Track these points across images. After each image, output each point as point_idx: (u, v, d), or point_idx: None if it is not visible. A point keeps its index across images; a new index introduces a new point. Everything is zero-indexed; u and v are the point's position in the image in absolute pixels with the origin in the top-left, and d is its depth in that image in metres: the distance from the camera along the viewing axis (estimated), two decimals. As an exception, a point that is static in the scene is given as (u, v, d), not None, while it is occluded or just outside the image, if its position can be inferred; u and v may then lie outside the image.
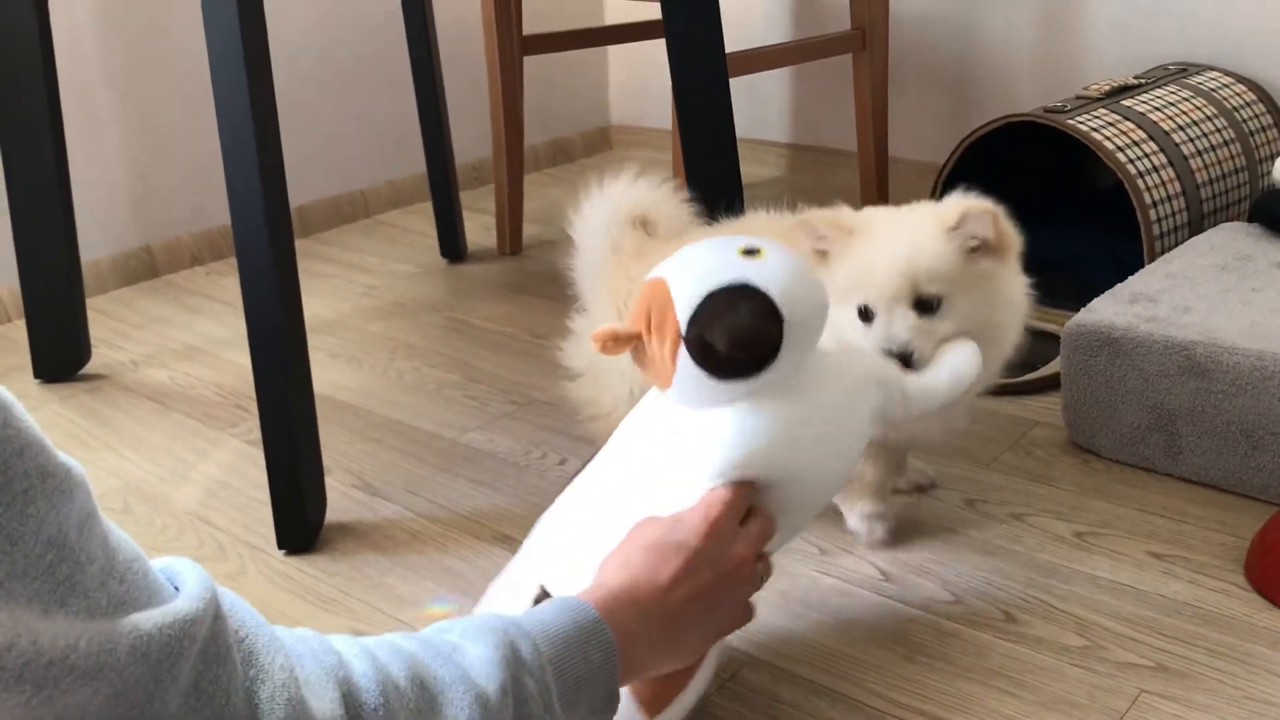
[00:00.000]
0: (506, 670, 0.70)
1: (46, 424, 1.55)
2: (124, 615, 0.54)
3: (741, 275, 0.87)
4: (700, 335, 0.86)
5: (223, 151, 1.20)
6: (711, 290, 0.86)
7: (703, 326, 0.86)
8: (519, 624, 0.74)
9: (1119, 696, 0.97)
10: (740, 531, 0.87)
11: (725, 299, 0.86)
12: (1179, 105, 1.75)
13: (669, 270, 0.90)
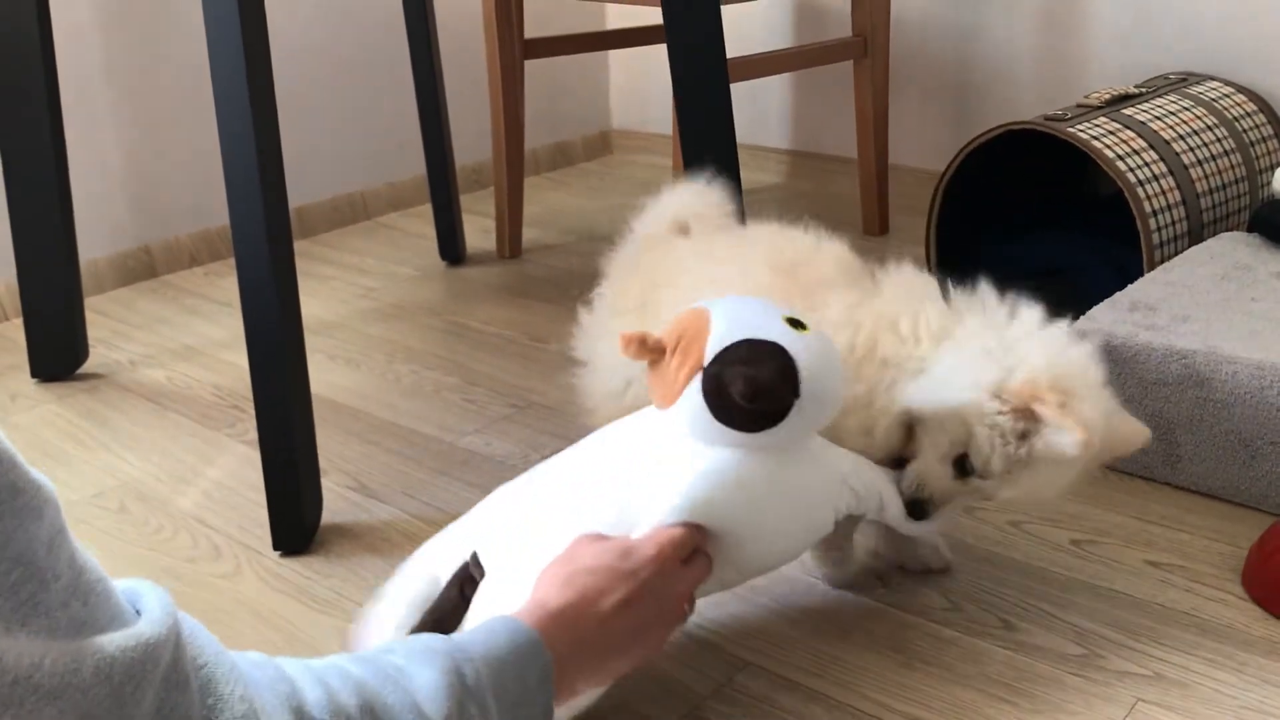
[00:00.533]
0: (453, 698, 0.71)
1: (43, 423, 1.55)
2: (87, 636, 0.53)
3: (779, 338, 0.91)
4: (719, 374, 0.90)
5: (222, 152, 1.20)
6: (747, 339, 0.91)
7: (724, 365, 0.90)
8: (462, 648, 0.75)
9: (1116, 705, 0.97)
10: (681, 571, 0.89)
11: (755, 351, 0.90)
12: (1180, 114, 1.75)
13: (716, 306, 0.94)
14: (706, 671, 1.03)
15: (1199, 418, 1.25)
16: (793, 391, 0.90)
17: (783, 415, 0.90)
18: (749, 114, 2.57)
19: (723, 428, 0.90)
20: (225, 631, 1.05)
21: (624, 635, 0.85)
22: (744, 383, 0.88)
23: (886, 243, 2.15)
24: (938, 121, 2.36)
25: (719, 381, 0.89)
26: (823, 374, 0.92)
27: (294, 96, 2.21)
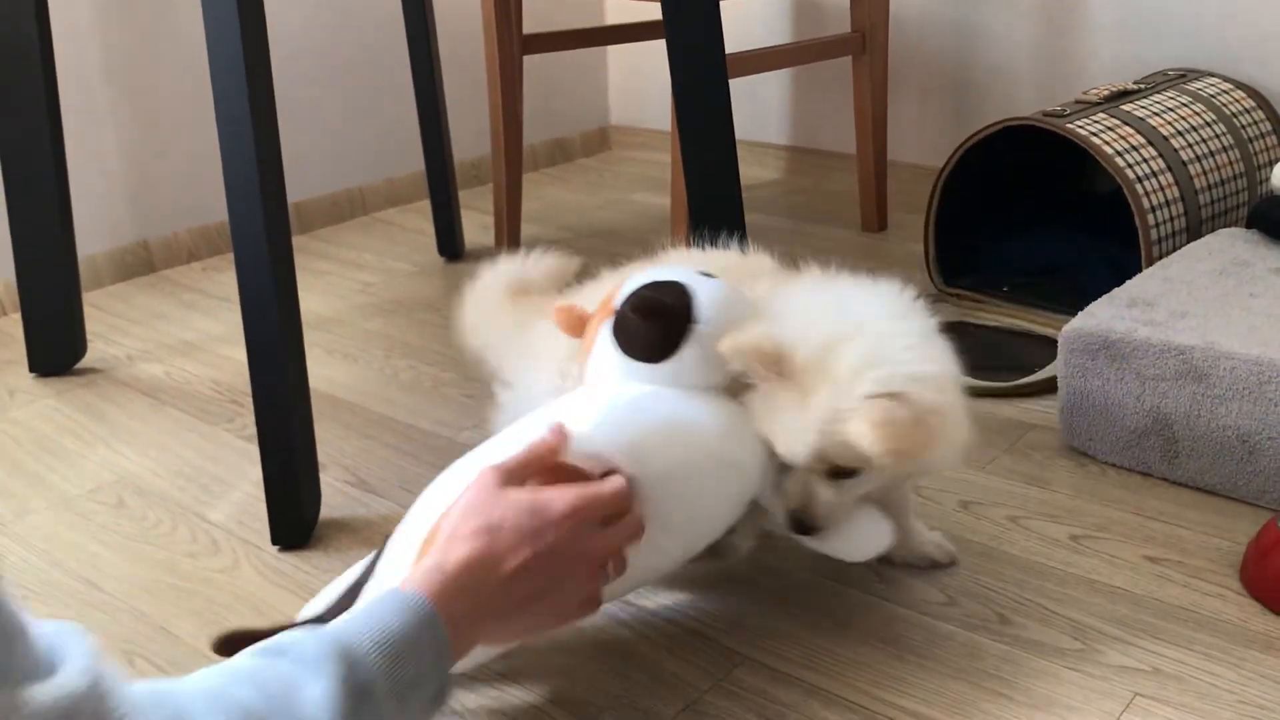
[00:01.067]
0: (343, 708, 0.69)
1: (41, 418, 1.55)
2: (15, 688, 0.52)
3: (682, 279, 0.98)
4: (621, 310, 0.97)
5: (221, 147, 1.20)
6: (653, 280, 0.98)
7: (626, 304, 0.97)
8: (353, 638, 0.73)
9: (1113, 699, 0.97)
10: (604, 530, 0.87)
11: (655, 288, 0.98)
12: (1178, 110, 1.75)
13: (635, 270, 1.03)
14: (704, 666, 1.03)
15: (1197, 413, 1.26)
16: (685, 316, 0.95)
17: (679, 339, 0.94)
18: (748, 110, 2.57)
19: (630, 363, 0.96)
20: (225, 625, 1.05)
21: (527, 598, 0.82)
22: (634, 301, 0.95)
23: (885, 239, 2.15)
24: (936, 118, 2.36)
25: (619, 315, 0.97)
26: (722, 306, 0.97)
27: (293, 93, 2.21)
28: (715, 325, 0.95)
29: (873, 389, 0.91)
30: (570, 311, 1.02)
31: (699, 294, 0.96)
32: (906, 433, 0.90)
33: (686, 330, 0.95)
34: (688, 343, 0.95)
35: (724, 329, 0.95)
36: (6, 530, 1.29)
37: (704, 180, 1.48)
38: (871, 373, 0.92)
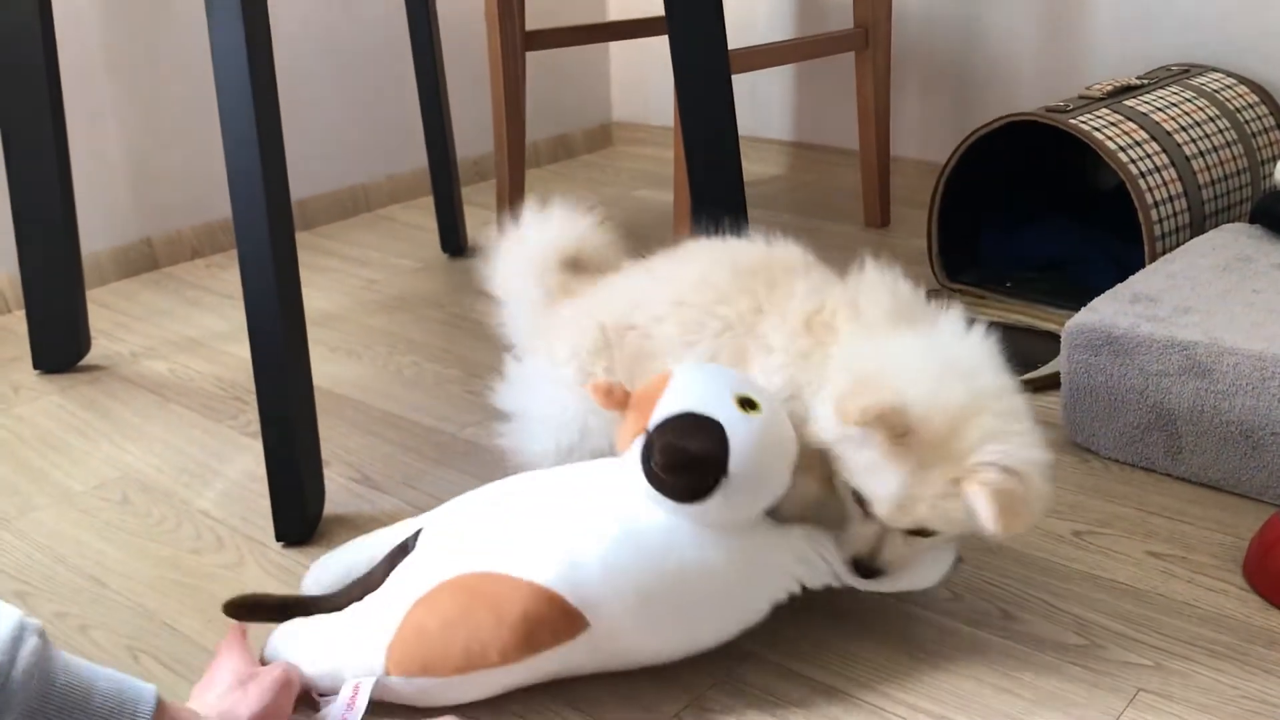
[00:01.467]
0: None
1: (45, 415, 1.55)
2: None
3: (722, 415, 0.94)
4: (650, 441, 0.94)
5: (224, 144, 1.20)
6: (690, 411, 0.94)
7: (659, 434, 0.94)
8: None
9: (1117, 695, 0.97)
10: None
11: (690, 425, 0.93)
12: (1181, 106, 1.75)
13: (679, 373, 0.99)
14: (708, 662, 1.03)
15: (1200, 409, 1.26)
16: (719, 469, 0.92)
17: (707, 492, 0.93)
18: (750, 106, 2.57)
19: (655, 491, 0.94)
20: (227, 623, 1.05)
21: None
22: (662, 455, 0.92)
23: (888, 235, 2.15)
24: (939, 113, 2.35)
25: (647, 447, 0.94)
26: (759, 456, 0.94)
27: (295, 89, 2.21)
28: (748, 476, 0.93)
29: (997, 465, 0.91)
30: (610, 394, 0.99)
31: (735, 439, 0.93)
32: (1023, 511, 0.91)
33: (716, 482, 0.93)
34: (717, 492, 0.93)
35: (758, 478, 0.94)
36: (10, 526, 1.29)
37: (707, 176, 1.48)
38: (997, 450, 0.91)
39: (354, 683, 0.95)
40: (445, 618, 0.93)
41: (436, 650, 0.93)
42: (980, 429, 0.92)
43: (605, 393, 0.98)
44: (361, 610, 0.99)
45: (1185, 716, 0.95)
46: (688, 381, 0.97)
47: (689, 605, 0.95)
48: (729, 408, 0.94)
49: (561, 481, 1.02)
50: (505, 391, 1.20)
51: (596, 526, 0.95)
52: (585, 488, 1.00)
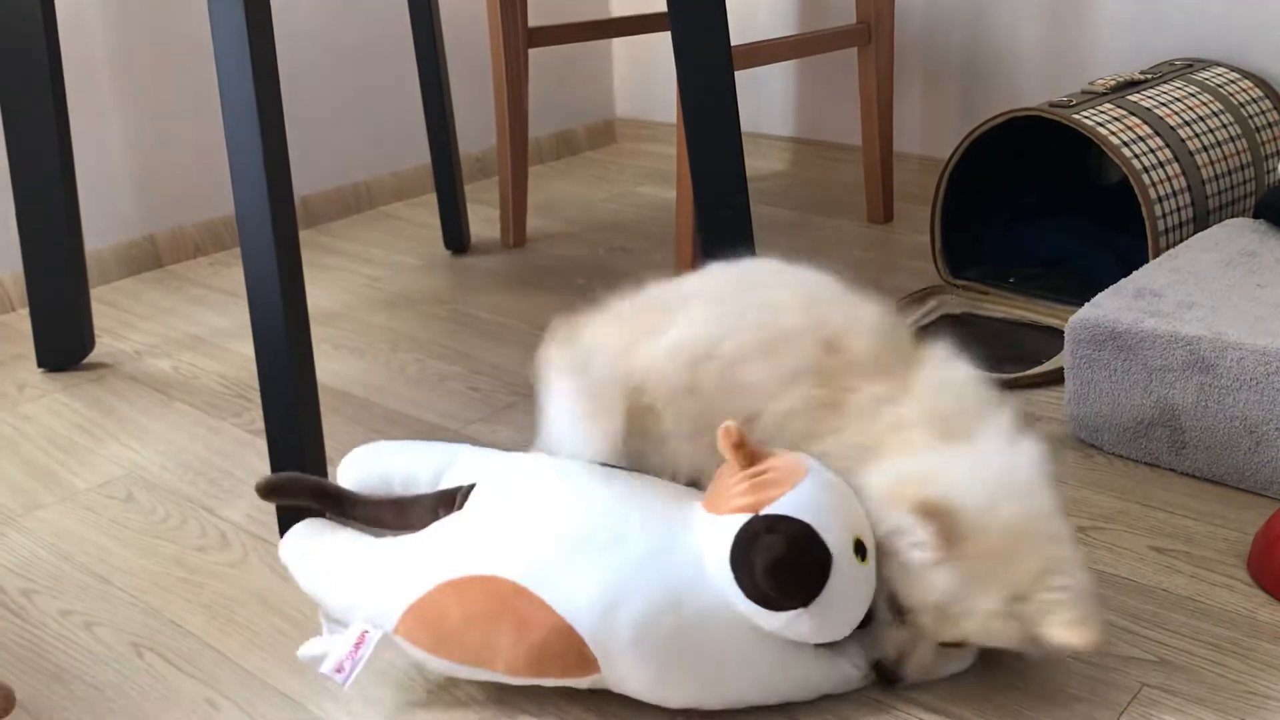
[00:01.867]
0: None
1: (50, 413, 1.56)
2: None
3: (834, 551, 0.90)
4: (758, 530, 0.90)
5: (227, 141, 1.20)
6: (811, 525, 0.90)
7: (769, 531, 0.89)
8: None
9: (1120, 690, 0.97)
10: None
11: (805, 541, 0.89)
12: (1185, 101, 1.75)
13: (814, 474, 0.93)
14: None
15: (1204, 404, 1.26)
16: (804, 599, 0.90)
17: (781, 609, 0.90)
18: (753, 101, 2.57)
19: (730, 575, 0.91)
20: (235, 619, 1.06)
21: None
22: (771, 559, 0.89)
23: (891, 231, 2.15)
24: (942, 109, 2.35)
25: (754, 536, 0.90)
26: (844, 607, 0.91)
27: (298, 85, 2.21)
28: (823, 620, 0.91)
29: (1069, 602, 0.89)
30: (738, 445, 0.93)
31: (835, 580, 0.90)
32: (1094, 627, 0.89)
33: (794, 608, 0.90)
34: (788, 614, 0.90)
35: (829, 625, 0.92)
36: (16, 524, 1.30)
37: (709, 173, 1.48)
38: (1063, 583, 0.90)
39: (362, 630, 0.95)
40: (471, 613, 0.93)
41: (452, 638, 0.94)
42: (1038, 554, 0.90)
43: (739, 435, 0.93)
44: (391, 556, 0.99)
45: (1189, 712, 0.95)
46: (822, 491, 0.93)
47: (706, 676, 0.93)
48: (846, 546, 0.91)
49: (633, 498, 0.98)
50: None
51: (646, 583, 0.92)
52: (653, 519, 0.96)
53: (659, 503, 0.99)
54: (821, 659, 0.96)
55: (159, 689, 1.03)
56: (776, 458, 0.95)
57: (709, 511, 0.94)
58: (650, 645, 0.91)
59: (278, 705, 1.00)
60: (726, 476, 0.95)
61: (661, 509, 0.98)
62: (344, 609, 0.99)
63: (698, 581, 0.92)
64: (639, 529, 0.95)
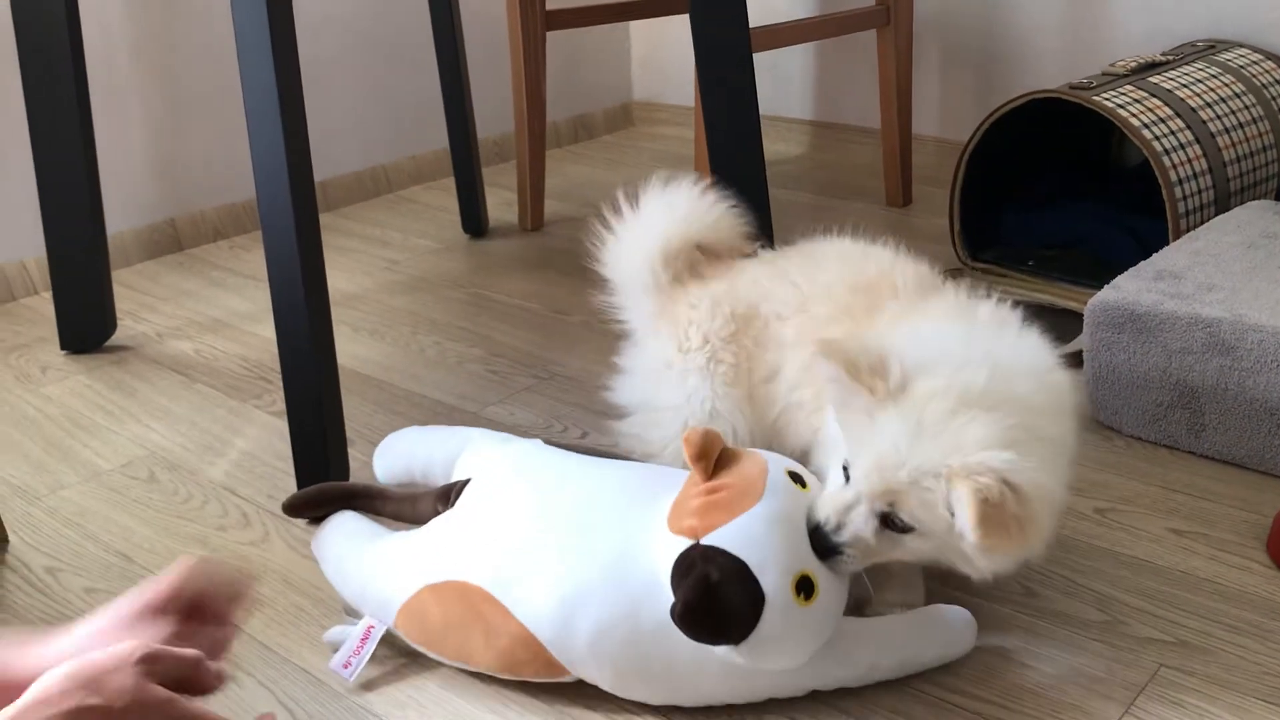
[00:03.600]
0: None
1: (73, 394, 1.57)
2: None
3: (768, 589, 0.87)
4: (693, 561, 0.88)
5: (248, 126, 1.21)
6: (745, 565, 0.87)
7: (702, 562, 0.87)
8: None
9: (1138, 670, 0.98)
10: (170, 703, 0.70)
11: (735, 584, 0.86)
12: (1207, 82, 1.74)
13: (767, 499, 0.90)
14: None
15: (1224, 386, 1.25)
16: (730, 638, 0.87)
17: (713, 643, 0.89)
18: (771, 84, 2.56)
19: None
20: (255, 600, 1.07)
21: None
22: (694, 599, 0.86)
23: (909, 213, 2.14)
24: (961, 91, 2.34)
25: (688, 568, 0.88)
26: (781, 646, 0.89)
27: (317, 70, 2.22)
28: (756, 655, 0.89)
29: (998, 472, 0.84)
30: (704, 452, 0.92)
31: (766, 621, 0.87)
32: (1012, 531, 0.84)
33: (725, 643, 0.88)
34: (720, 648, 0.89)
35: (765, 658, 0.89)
36: (40, 504, 1.31)
37: (728, 155, 1.48)
38: (1006, 458, 0.85)
39: (368, 624, 1.00)
40: (446, 618, 0.97)
41: (435, 638, 0.99)
42: (996, 428, 0.86)
43: (700, 449, 0.91)
44: (393, 553, 1.03)
45: (1206, 692, 0.95)
46: (769, 524, 0.89)
47: (666, 681, 0.94)
48: (784, 586, 0.87)
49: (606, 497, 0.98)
50: (625, 382, 1.17)
51: (604, 593, 0.92)
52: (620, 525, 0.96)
53: (632, 504, 0.97)
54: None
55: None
56: (738, 469, 0.92)
57: (667, 525, 0.93)
58: (608, 653, 0.92)
59: (299, 681, 1.01)
60: (689, 487, 0.94)
61: (631, 512, 0.96)
62: (355, 600, 1.04)
63: (655, 593, 0.91)
64: (605, 536, 0.95)
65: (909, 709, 0.95)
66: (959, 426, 0.87)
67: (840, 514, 0.90)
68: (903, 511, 0.88)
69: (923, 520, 0.88)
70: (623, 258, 1.18)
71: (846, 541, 0.90)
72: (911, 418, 0.87)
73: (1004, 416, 0.87)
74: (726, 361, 1.10)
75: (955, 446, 0.86)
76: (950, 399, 0.88)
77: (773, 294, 1.11)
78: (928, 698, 0.96)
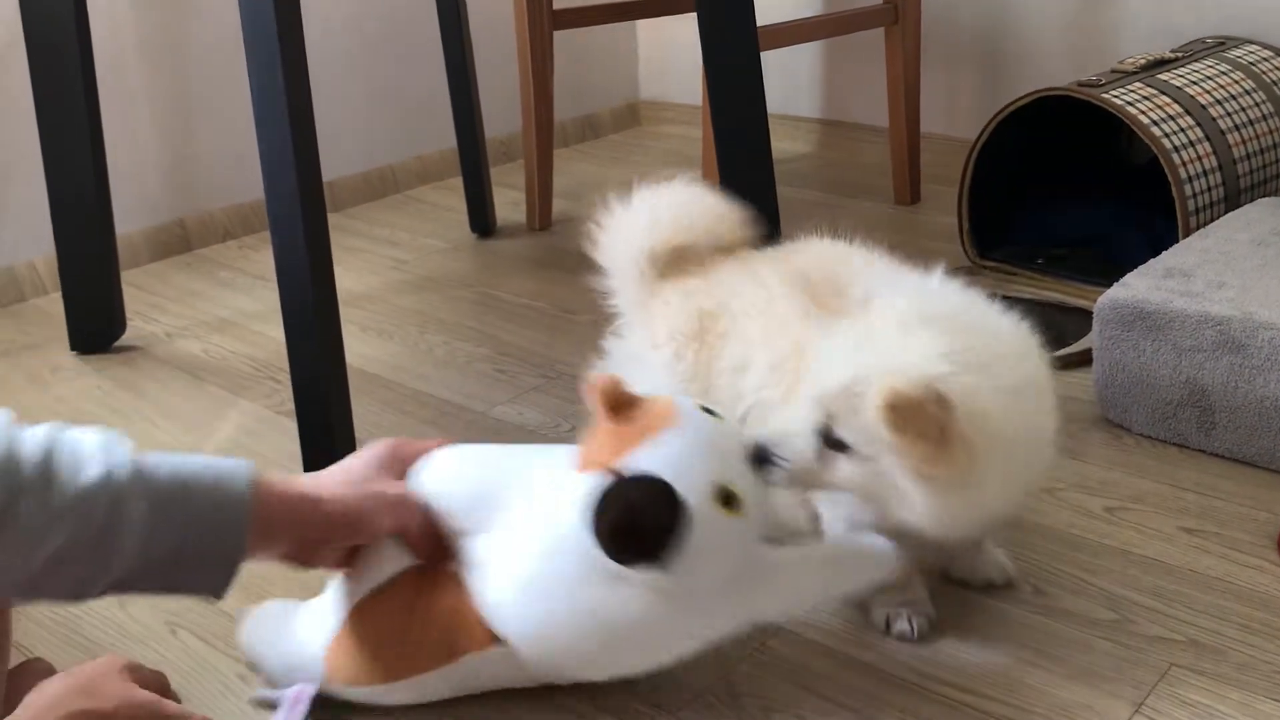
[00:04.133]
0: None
1: (83, 395, 1.57)
2: None
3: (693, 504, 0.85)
4: (610, 491, 0.86)
5: (256, 126, 1.21)
6: (663, 483, 0.85)
7: (619, 490, 0.86)
8: None
9: (1148, 670, 0.97)
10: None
11: (656, 500, 0.85)
12: (1216, 79, 1.73)
13: (682, 421, 0.89)
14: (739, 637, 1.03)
15: (1234, 384, 1.25)
16: (661, 558, 0.85)
17: (642, 567, 0.86)
18: (779, 83, 2.55)
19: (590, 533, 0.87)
20: (267, 593, 1.07)
21: None
22: (619, 522, 0.85)
23: (918, 212, 2.14)
24: (970, 89, 2.33)
25: (607, 499, 0.86)
26: (709, 561, 0.87)
27: (324, 70, 2.22)
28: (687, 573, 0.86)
29: (924, 378, 0.83)
30: (608, 397, 0.90)
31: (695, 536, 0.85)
32: (926, 438, 0.82)
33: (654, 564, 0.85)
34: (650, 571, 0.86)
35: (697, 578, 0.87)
36: (51, 504, 1.31)
37: (735, 155, 1.48)
38: (936, 366, 0.84)
39: (297, 690, 0.95)
40: (377, 635, 0.93)
41: (367, 665, 0.93)
42: (945, 345, 0.85)
43: (605, 395, 0.89)
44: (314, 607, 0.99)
45: (1217, 692, 0.95)
46: (682, 439, 0.88)
47: (603, 645, 0.91)
48: (707, 498, 0.86)
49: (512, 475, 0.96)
50: (603, 367, 1.18)
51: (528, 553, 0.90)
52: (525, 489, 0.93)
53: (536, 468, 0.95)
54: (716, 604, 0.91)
55: (192, 665, 1.04)
56: (645, 406, 0.91)
57: (578, 469, 0.90)
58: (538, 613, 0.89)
59: (309, 682, 1.01)
60: (596, 431, 0.91)
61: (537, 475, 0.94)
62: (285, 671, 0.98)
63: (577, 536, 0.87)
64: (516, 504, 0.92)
65: (918, 707, 0.95)
66: (905, 339, 0.85)
67: (777, 431, 0.91)
68: (839, 426, 0.87)
69: (856, 436, 0.86)
70: (616, 246, 1.19)
71: (785, 455, 0.89)
72: (861, 330, 0.87)
73: (959, 340, 0.86)
74: (687, 359, 1.10)
75: (895, 356, 0.84)
76: (908, 317, 0.87)
77: (741, 292, 1.10)
78: (937, 696, 0.96)
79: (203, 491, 0.80)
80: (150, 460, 0.79)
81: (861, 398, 0.84)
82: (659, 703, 0.96)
